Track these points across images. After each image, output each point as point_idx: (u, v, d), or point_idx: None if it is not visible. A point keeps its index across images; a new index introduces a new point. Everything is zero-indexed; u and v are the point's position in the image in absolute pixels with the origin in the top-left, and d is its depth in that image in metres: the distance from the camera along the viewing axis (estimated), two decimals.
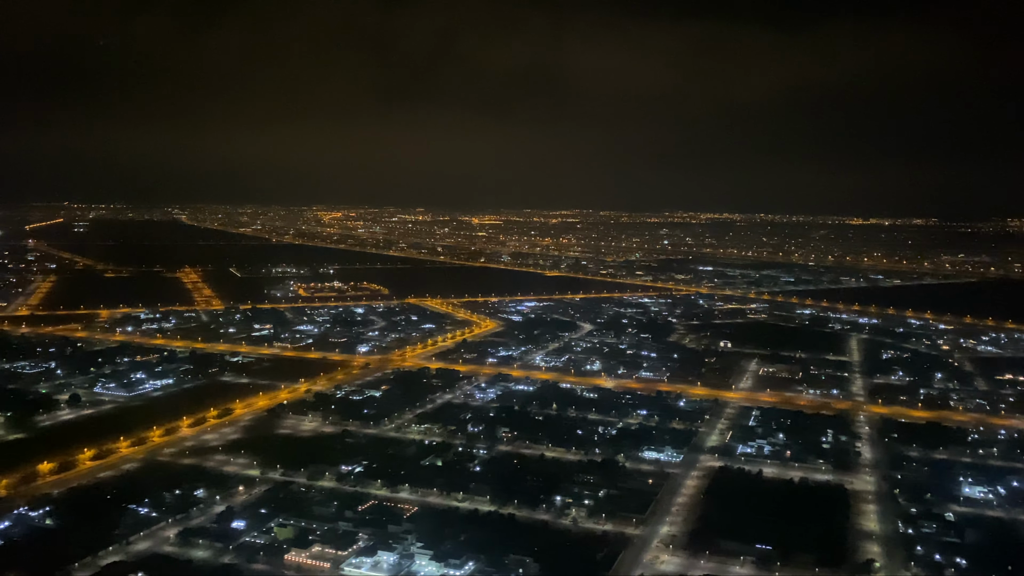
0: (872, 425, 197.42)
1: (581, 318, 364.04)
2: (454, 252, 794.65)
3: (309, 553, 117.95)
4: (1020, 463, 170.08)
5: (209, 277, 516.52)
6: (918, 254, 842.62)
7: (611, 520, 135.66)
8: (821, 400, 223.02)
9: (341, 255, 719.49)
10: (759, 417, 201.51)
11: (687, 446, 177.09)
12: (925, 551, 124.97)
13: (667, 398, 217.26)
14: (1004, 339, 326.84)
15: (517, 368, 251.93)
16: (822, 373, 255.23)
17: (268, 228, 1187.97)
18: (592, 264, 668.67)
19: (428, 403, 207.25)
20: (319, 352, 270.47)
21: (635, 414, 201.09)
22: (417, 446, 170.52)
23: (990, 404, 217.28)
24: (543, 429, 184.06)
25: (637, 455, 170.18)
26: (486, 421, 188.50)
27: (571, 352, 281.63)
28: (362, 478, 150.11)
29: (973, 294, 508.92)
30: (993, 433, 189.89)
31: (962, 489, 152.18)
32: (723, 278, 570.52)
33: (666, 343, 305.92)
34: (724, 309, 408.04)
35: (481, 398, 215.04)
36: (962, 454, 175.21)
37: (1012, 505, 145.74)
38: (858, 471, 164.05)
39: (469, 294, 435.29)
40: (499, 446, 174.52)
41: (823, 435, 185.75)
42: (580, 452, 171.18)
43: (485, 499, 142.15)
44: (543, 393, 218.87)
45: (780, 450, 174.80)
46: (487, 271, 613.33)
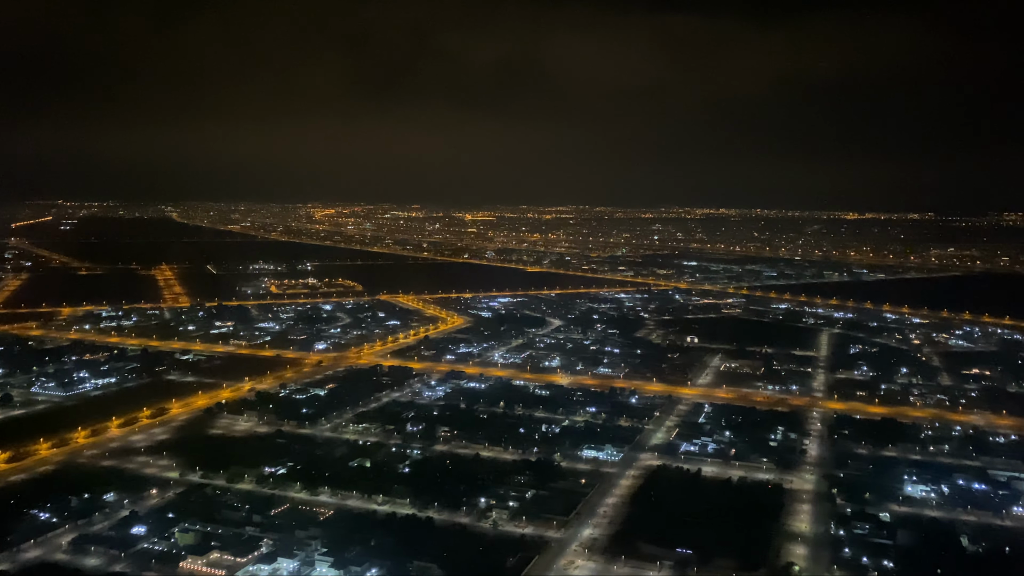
0: (825, 422, 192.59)
1: (552, 314, 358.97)
2: (439, 248, 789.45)
3: (206, 560, 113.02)
4: (969, 460, 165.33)
5: (184, 274, 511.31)
6: (907, 248, 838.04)
7: (533, 523, 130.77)
8: (778, 396, 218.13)
9: (324, 252, 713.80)
10: (709, 414, 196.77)
11: (629, 444, 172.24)
12: (852, 553, 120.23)
13: (619, 395, 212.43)
14: (978, 333, 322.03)
15: (474, 365, 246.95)
16: (785, 369, 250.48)
17: (257, 225, 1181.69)
18: (576, 260, 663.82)
19: (372, 402, 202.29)
20: (274, 350, 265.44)
21: (583, 412, 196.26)
22: (348, 446, 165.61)
23: (951, 400, 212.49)
24: (485, 428, 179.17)
25: (576, 454, 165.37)
26: (427, 420, 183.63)
27: (533, 348, 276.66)
28: (283, 480, 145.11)
29: (955, 288, 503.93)
30: (948, 430, 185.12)
31: (904, 488, 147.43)
32: (705, 273, 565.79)
33: (633, 339, 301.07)
34: (699, 304, 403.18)
35: (429, 396, 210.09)
36: (911, 451, 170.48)
37: (953, 505, 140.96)
38: (801, 470, 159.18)
39: (444, 290, 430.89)
40: (435, 446, 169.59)
41: (772, 432, 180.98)
42: (518, 451, 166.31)
43: (405, 502, 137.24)
44: (494, 391, 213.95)
45: (724, 448, 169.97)
46: (468, 267, 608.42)
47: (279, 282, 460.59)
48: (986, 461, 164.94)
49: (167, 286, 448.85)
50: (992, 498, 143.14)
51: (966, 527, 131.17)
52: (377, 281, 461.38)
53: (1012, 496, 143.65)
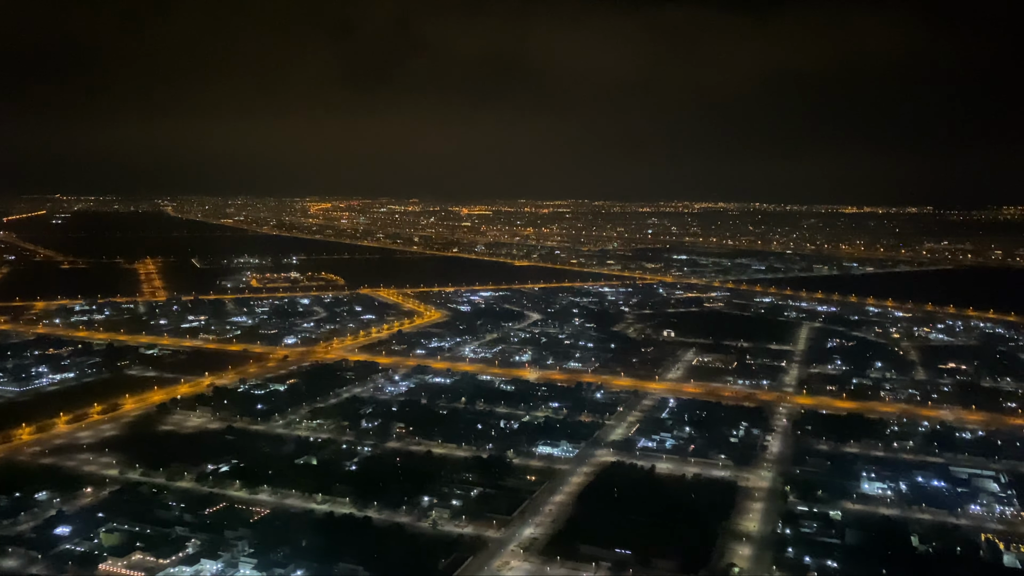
0: (791, 417, 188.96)
1: (532, 308, 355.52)
2: (429, 242, 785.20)
3: (127, 562, 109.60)
4: (932, 457, 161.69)
5: (167, 268, 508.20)
6: (900, 242, 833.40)
7: (474, 522, 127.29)
8: (747, 391, 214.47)
9: (313, 246, 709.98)
10: (673, 409, 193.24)
11: (587, 440, 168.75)
12: (796, 553, 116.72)
13: (584, 390, 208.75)
14: (960, 327, 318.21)
15: (443, 360, 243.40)
16: (758, 363, 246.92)
17: (250, 219, 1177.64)
18: (565, 253, 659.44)
19: (332, 397, 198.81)
20: (242, 344, 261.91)
21: (545, 407, 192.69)
22: (298, 443, 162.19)
23: (922, 394, 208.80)
24: (442, 424, 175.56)
25: (530, 451, 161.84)
26: (384, 416, 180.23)
27: (506, 343, 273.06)
28: (223, 478, 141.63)
29: (943, 282, 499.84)
30: (915, 425, 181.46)
31: (860, 485, 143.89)
32: (694, 267, 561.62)
33: (609, 333, 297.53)
34: (682, 298, 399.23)
35: (391, 391, 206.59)
36: (874, 448, 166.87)
37: (909, 503, 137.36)
38: (758, 467, 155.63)
39: (426, 284, 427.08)
40: (388, 443, 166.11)
41: (734, 428, 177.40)
42: (472, 448, 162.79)
43: (345, 501, 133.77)
44: (458, 386, 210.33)
45: (683, 444, 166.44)
46: (456, 261, 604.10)
47: (261, 276, 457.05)
48: (949, 457, 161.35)
49: (147, 280, 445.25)
50: (950, 496, 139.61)
51: (919, 526, 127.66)
52: (361, 275, 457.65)
53: (971, 494, 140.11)
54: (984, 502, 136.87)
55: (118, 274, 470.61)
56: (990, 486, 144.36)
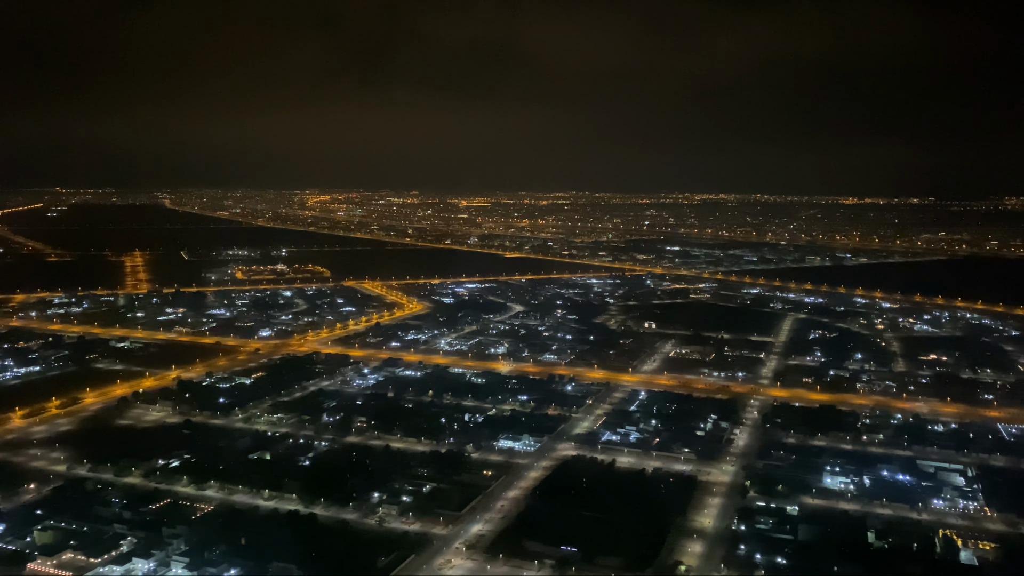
0: (762, 410, 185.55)
1: (516, 300, 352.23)
2: (423, 234, 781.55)
3: (56, 561, 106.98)
4: (900, 450, 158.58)
5: (155, 261, 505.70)
6: (897, 233, 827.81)
7: (422, 519, 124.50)
8: (721, 383, 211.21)
9: (306, 238, 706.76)
10: (643, 402, 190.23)
11: (550, 434, 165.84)
12: (747, 550, 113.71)
13: (556, 382, 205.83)
14: (945, 318, 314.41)
15: (417, 352, 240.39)
16: (736, 355, 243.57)
17: (246, 211, 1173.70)
18: (558, 245, 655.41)
19: (297, 391, 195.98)
20: (215, 337, 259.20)
21: (513, 400, 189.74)
22: (254, 438, 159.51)
23: (898, 386, 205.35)
24: (404, 418, 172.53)
25: (491, 445, 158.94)
26: (347, 410, 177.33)
27: (484, 335, 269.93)
28: (172, 474, 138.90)
29: (935, 272, 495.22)
30: (887, 417, 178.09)
31: (823, 479, 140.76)
32: (686, 258, 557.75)
33: (590, 324, 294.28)
34: (669, 289, 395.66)
35: (359, 384, 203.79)
36: (842, 441, 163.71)
37: (870, 497, 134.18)
38: (722, 460, 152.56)
39: (414, 276, 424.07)
40: (347, 437, 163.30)
41: (703, 421, 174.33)
42: (432, 442, 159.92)
43: (293, 497, 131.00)
44: (428, 379, 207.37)
45: (648, 438, 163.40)
46: (447, 253, 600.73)
47: (247, 268, 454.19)
48: (918, 451, 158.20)
49: (133, 272, 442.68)
50: (913, 490, 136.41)
51: (877, 521, 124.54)
52: (348, 267, 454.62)
53: (935, 488, 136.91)
54: (948, 497, 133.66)
55: (104, 267, 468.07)
56: (956, 480, 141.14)
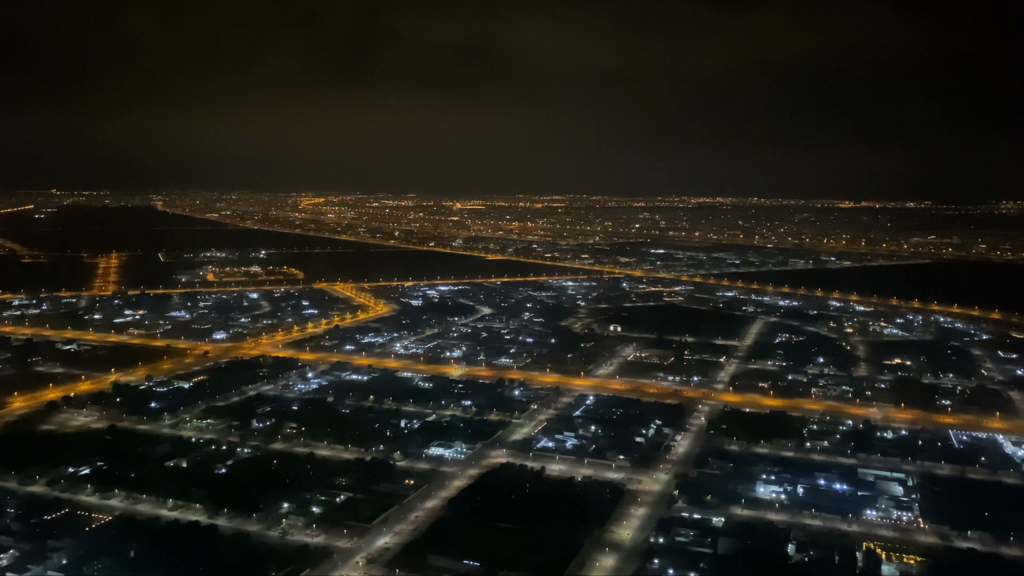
0: (710, 415, 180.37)
1: (486, 302, 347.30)
2: (409, 236, 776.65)
3: None
4: (843, 458, 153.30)
5: (131, 262, 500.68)
6: (886, 236, 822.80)
7: (328, 531, 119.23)
8: (674, 387, 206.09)
9: (289, 239, 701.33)
10: (589, 407, 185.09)
11: (486, 440, 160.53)
12: (661, 564, 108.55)
13: (503, 387, 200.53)
14: (918, 322, 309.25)
15: (370, 356, 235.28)
16: (697, 358, 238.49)
17: (236, 214, 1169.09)
18: (542, 248, 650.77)
19: (235, 395, 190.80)
20: (167, 340, 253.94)
21: (455, 405, 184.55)
22: (175, 444, 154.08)
23: (855, 391, 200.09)
24: (338, 424, 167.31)
25: (421, 452, 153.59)
26: (281, 415, 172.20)
27: (444, 338, 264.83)
28: (77, 482, 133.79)
29: (917, 276, 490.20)
30: (836, 424, 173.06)
31: (756, 489, 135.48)
32: (668, 260, 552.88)
33: (555, 327, 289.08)
34: (643, 292, 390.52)
35: (300, 389, 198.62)
36: (785, 448, 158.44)
37: (801, 507, 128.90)
38: (657, 469, 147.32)
39: (388, 278, 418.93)
40: (273, 444, 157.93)
41: (645, 427, 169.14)
42: (359, 450, 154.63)
43: (197, 507, 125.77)
44: (373, 383, 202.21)
45: (585, 445, 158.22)
46: (429, 255, 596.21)
47: (220, 270, 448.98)
48: (861, 459, 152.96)
49: (104, 274, 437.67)
50: (848, 500, 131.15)
51: (803, 532, 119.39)
52: (325, 269, 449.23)
53: (871, 498, 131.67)
54: (883, 507, 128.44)
55: (76, 268, 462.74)
56: (894, 490, 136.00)
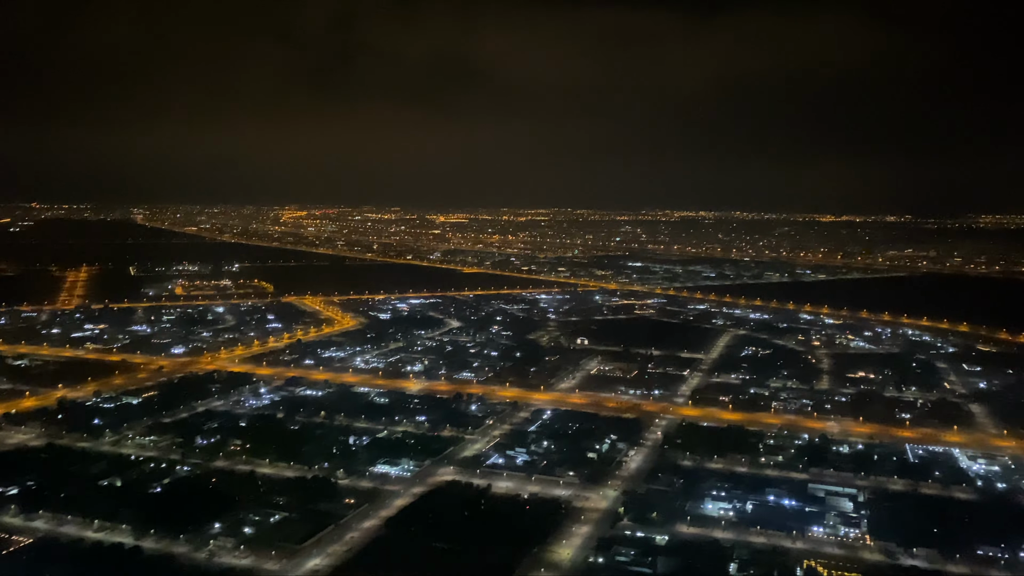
0: (667, 430, 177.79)
1: (455, 315, 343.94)
2: (388, 250, 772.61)
3: None
4: (796, 473, 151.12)
5: (99, 276, 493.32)
6: (863, 249, 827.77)
7: (258, 552, 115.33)
8: (634, 401, 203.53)
9: (266, 252, 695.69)
10: (546, 422, 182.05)
11: (435, 457, 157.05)
12: None
13: (460, 402, 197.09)
14: (886, 335, 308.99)
15: (327, 370, 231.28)
16: (660, 372, 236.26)
17: (216, 227, 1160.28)
18: (520, 261, 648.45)
19: (182, 411, 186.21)
20: (123, 354, 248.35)
21: (409, 421, 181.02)
22: (111, 462, 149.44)
23: (815, 405, 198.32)
24: (282, 441, 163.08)
25: (366, 470, 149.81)
26: (226, 432, 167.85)
27: (407, 352, 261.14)
28: (4, 503, 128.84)
29: (890, 289, 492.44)
30: (792, 438, 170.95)
31: (704, 505, 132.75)
32: (644, 274, 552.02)
33: (522, 340, 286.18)
34: (615, 305, 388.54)
35: (251, 405, 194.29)
36: (738, 463, 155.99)
37: (748, 524, 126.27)
38: (606, 485, 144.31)
39: (358, 292, 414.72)
40: (215, 462, 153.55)
41: (600, 442, 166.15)
42: (303, 468, 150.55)
43: (124, 528, 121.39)
44: (327, 399, 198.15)
45: (535, 461, 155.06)
46: (405, 268, 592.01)
47: (189, 283, 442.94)
48: (814, 473, 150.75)
49: (70, 288, 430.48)
50: (796, 516, 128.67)
51: (746, 550, 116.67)
52: (296, 282, 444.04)
53: (818, 514, 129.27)
54: (830, 524, 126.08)
55: (43, 282, 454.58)
56: (844, 505, 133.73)
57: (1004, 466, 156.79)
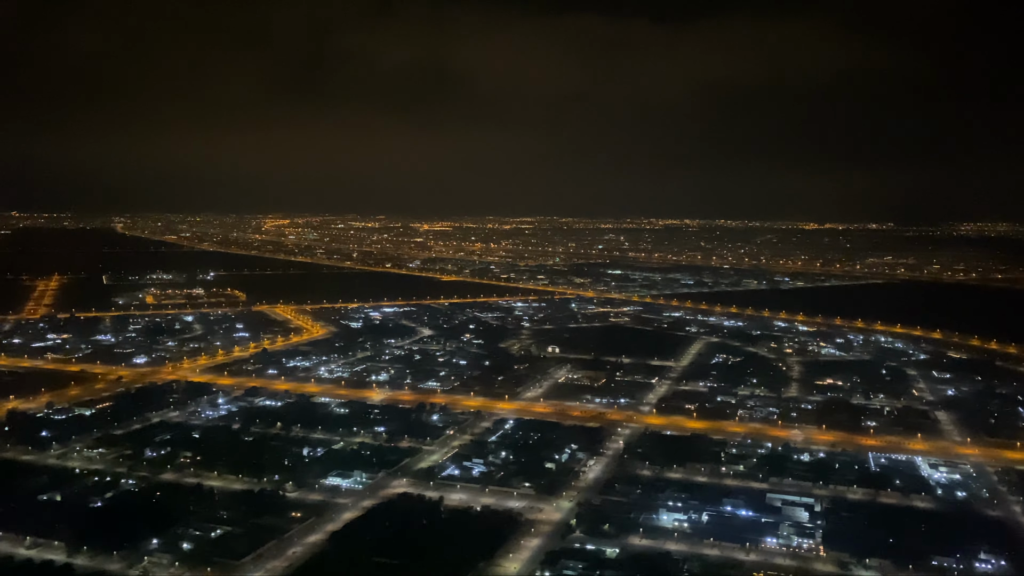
0: (629, 439, 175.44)
1: (428, 323, 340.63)
2: (367, 258, 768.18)
3: None
4: (756, 482, 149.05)
5: (70, 285, 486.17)
6: (843, 257, 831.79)
7: (194, 568, 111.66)
8: (599, 410, 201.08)
9: (242, 261, 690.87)
10: (507, 432, 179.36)
11: (390, 469, 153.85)
12: None
13: (422, 412, 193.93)
14: (859, 342, 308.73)
15: (289, 380, 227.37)
16: (629, 380, 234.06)
17: (196, 235, 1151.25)
18: (500, 269, 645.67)
19: (135, 423, 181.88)
20: (82, 365, 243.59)
21: (367, 432, 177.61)
22: (53, 476, 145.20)
23: (781, 413, 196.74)
24: (234, 453, 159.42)
25: (317, 482, 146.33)
26: (177, 444, 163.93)
27: (374, 361, 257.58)
28: None
29: (866, 296, 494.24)
30: (755, 447, 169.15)
31: (659, 516, 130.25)
32: (623, 281, 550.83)
33: (493, 349, 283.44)
34: (591, 313, 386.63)
35: (207, 416, 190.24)
36: (698, 473, 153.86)
37: (701, 536, 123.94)
38: (562, 496, 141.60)
39: (332, 300, 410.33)
40: (163, 475, 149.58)
41: (560, 452, 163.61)
42: (253, 480, 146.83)
43: (56, 544, 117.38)
44: (286, 409, 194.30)
45: (493, 472, 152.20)
46: (383, 276, 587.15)
47: (161, 292, 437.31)
48: (774, 483, 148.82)
49: (39, 297, 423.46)
50: (751, 527, 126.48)
51: (698, 563, 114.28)
52: (270, 291, 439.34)
53: (773, 525, 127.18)
54: (785, 534, 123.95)
55: (11, 291, 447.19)
56: (800, 516, 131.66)
57: (965, 474, 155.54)
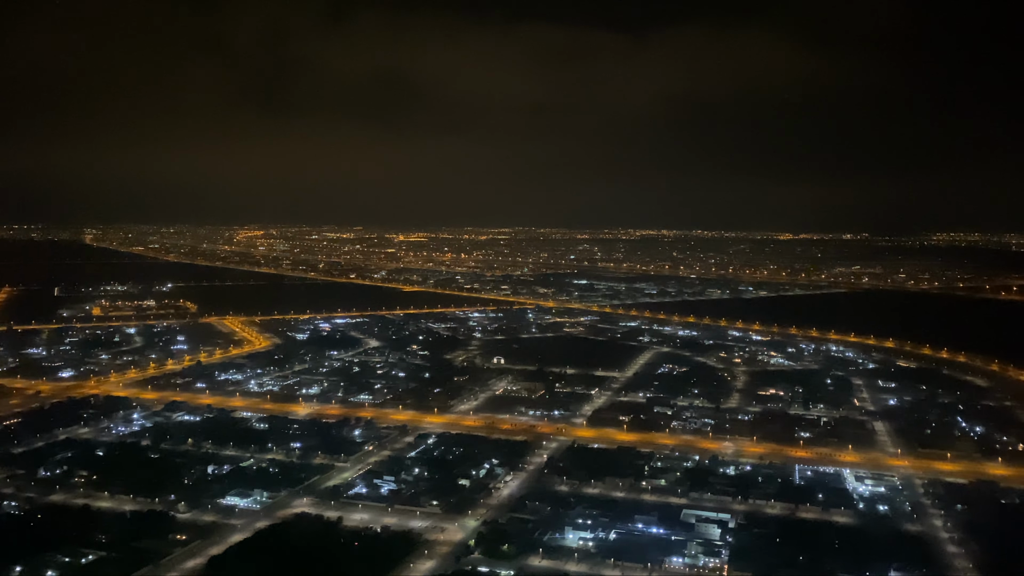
0: (554, 453, 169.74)
1: (378, 335, 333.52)
2: (333, 269, 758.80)
3: None
4: (675, 497, 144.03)
5: (18, 297, 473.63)
6: (810, 266, 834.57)
7: None
8: (531, 423, 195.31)
9: (204, 272, 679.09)
10: (428, 447, 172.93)
11: (296, 487, 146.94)
12: None
13: (348, 426, 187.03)
14: (810, 351, 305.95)
15: (216, 394, 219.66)
16: (569, 391, 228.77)
17: (164, 247, 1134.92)
18: (465, 279, 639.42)
19: (40, 440, 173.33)
20: (3, 379, 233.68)
21: (281, 448, 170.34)
22: None
23: (716, 425, 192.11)
24: (133, 472, 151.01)
25: (213, 502, 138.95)
26: (76, 463, 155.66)
27: (310, 374, 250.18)
28: None
29: (825, 305, 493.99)
30: (682, 460, 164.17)
31: (565, 535, 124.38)
32: (587, 291, 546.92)
33: (438, 360, 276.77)
34: (546, 323, 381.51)
35: (119, 432, 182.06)
36: (616, 488, 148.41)
37: (604, 556, 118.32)
38: (469, 515, 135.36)
39: (284, 311, 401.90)
40: (50, 496, 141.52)
41: (478, 468, 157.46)
42: (146, 500, 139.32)
43: None
44: (202, 425, 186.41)
45: (403, 490, 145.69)
46: (345, 287, 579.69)
47: (109, 304, 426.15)
48: (694, 498, 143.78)
49: None
50: (658, 546, 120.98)
51: None
52: (225, 302, 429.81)
53: (681, 543, 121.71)
54: (691, 553, 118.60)
55: None
56: (711, 532, 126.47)
57: (891, 487, 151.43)
